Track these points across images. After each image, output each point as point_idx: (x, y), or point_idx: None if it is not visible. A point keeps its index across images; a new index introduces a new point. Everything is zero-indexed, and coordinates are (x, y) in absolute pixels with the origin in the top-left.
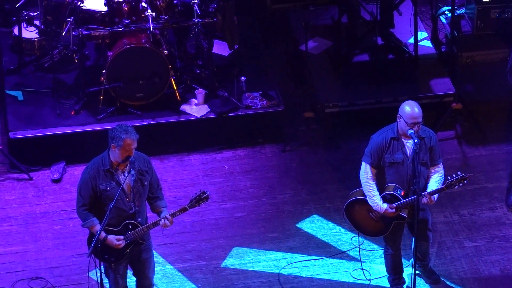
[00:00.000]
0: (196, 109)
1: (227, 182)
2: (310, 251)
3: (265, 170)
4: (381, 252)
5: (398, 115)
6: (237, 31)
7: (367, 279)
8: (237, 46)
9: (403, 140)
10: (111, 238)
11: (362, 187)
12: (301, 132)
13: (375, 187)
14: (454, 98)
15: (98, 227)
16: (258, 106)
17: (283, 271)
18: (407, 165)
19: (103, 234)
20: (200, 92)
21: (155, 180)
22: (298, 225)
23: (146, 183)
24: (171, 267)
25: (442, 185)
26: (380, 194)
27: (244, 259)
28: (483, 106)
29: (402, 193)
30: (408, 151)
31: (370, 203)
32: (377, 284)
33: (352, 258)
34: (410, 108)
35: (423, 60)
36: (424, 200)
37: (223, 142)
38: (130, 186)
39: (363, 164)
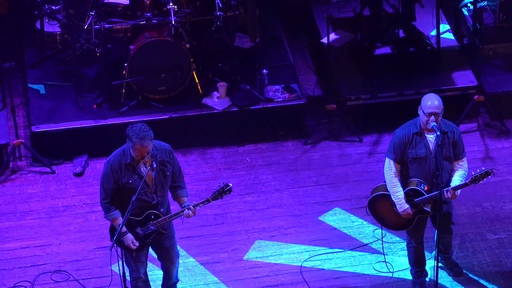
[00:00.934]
0: (218, 102)
1: (249, 175)
2: (332, 244)
3: (287, 163)
4: (404, 244)
5: (419, 107)
6: (258, 24)
7: (389, 272)
8: (259, 39)
9: (426, 134)
10: (128, 237)
11: (385, 182)
12: (323, 125)
13: (399, 183)
14: (476, 90)
15: (120, 219)
16: (280, 99)
17: (305, 264)
18: (430, 160)
19: (124, 228)
20: (222, 85)
21: (177, 169)
22: (320, 218)
23: (168, 173)
24: (193, 260)
25: (466, 179)
26: (404, 189)
27: (267, 252)
28: (505, 98)
29: (426, 188)
30: (431, 145)
31: (393, 199)
32: (400, 276)
33: (374, 251)
34: (429, 99)
35: (445, 52)
36: (448, 195)
37: (245, 135)
38: (152, 177)
39: (387, 159)
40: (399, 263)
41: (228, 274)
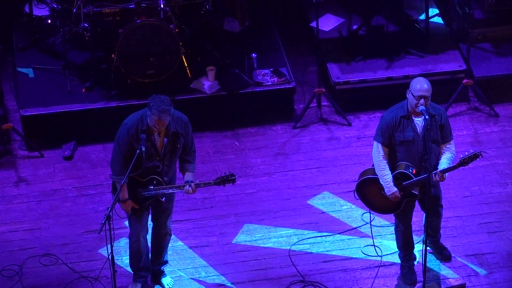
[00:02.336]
0: (207, 86)
1: (238, 159)
2: (321, 228)
3: (276, 147)
4: (392, 228)
5: (408, 90)
6: (247, 8)
7: (378, 255)
8: (248, 23)
9: (413, 118)
10: (129, 204)
11: (374, 166)
12: (312, 109)
13: (387, 166)
14: (465, 74)
15: (125, 186)
16: (269, 83)
17: (294, 248)
18: (418, 143)
19: (126, 195)
20: (211, 69)
21: (189, 142)
22: (309, 202)
23: (179, 145)
24: (182, 243)
25: (453, 162)
26: (392, 172)
27: (255, 235)
28: (494, 82)
29: (414, 171)
30: (418, 128)
31: (381, 182)
32: (388, 260)
33: (363, 235)
34: (418, 82)
35: (434, 36)
36: (436, 178)
37: (233, 119)
38: (163, 145)
39: (375, 143)
40: (387, 247)
41: (216, 258)
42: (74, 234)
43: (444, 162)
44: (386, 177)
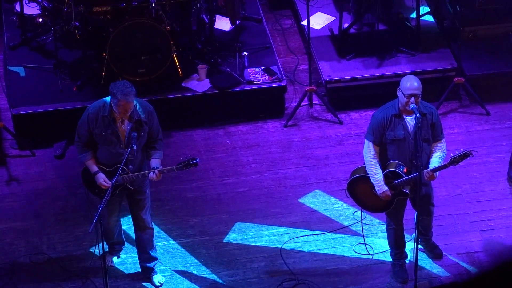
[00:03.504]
0: (198, 84)
1: (229, 158)
2: (313, 226)
3: (267, 145)
4: (384, 226)
5: (398, 88)
6: (238, 6)
7: (369, 254)
8: (239, 21)
9: (405, 116)
10: (100, 176)
11: (365, 164)
12: (303, 107)
13: (378, 165)
14: (456, 72)
15: (91, 161)
16: (260, 81)
17: (285, 246)
18: (409, 142)
19: (94, 168)
20: (202, 68)
21: (155, 130)
22: (300, 200)
23: (143, 133)
24: (174, 242)
25: (444, 161)
26: (383, 171)
27: (247, 234)
28: (485, 80)
29: (405, 170)
30: (409, 127)
31: (372, 181)
32: (380, 258)
33: (354, 233)
34: (408, 80)
35: (425, 34)
36: (426, 176)
37: (225, 118)
38: (126, 133)
39: (366, 142)
40: (379, 245)
41: (208, 256)
42: (65, 233)
43: (435, 161)
44: (377, 175)
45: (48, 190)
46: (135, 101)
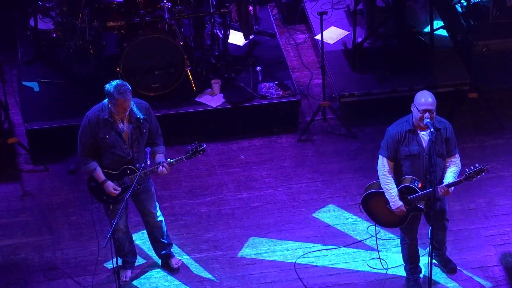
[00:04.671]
0: (211, 99)
1: (243, 172)
2: (327, 241)
3: (281, 159)
4: (398, 241)
5: (412, 104)
6: (252, 21)
7: (383, 268)
8: (253, 36)
9: (419, 131)
10: (109, 184)
11: (379, 180)
12: (317, 122)
13: (392, 180)
14: (470, 87)
15: (98, 170)
16: (274, 96)
17: (299, 261)
18: (424, 157)
19: (102, 177)
20: (216, 82)
21: (154, 126)
22: (314, 215)
23: (144, 130)
24: (188, 257)
25: (459, 175)
26: (397, 186)
27: (261, 249)
28: (499, 94)
29: (420, 185)
30: (424, 142)
31: (387, 196)
32: (394, 273)
33: (368, 248)
34: (422, 96)
35: (438, 49)
36: (441, 191)
37: (239, 132)
38: (128, 133)
39: (380, 157)
40: (393, 260)
41: (222, 271)
42: (79, 248)
43: (449, 176)
44: (391, 191)
45: (62, 205)
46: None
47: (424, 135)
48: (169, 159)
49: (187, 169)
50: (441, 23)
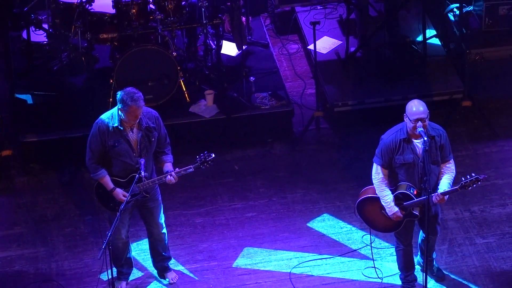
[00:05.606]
0: (205, 110)
1: (237, 182)
2: (321, 250)
3: (275, 170)
4: (393, 250)
5: (404, 114)
6: (245, 31)
7: (378, 277)
8: (246, 46)
9: (413, 140)
10: (118, 191)
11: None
12: (310, 132)
13: (387, 187)
14: (463, 95)
15: (107, 178)
16: (267, 106)
17: (294, 270)
18: (418, 165)
19: (111, 185)
20: (209, 93)
21: (163, 135)
22: (308, 224)
23: (153, 139)
24: (183, 267)
25: (454, 183)
26: (393, 192)
27: (255, 259)
28: (492, 103)
29: (415, 192)
30: (418, 150)
31: (382, 203)
32: (389, 282)
33: (363, 256)
34: (413, 105)
35: (431, 57)
36: (436, 199)
37: (232, 143)
38: (137, 142)
39: (374, 165)
40: (388, 269)
41: (217, 282)
42: (74, 260)
43: (444, 183)
44: (386, 197)
45: (56, 217)
46: None
47: (418, 143)
48: (177, 169)
49: (181, 179)
50: (433, 32)
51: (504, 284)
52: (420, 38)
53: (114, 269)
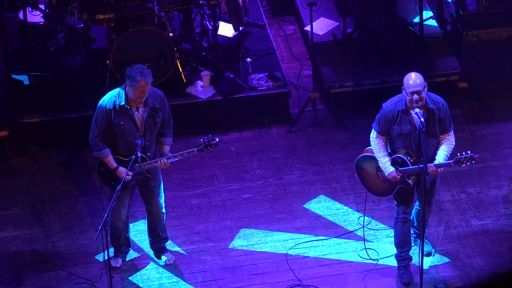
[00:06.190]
0: (202, 91)
1: (234, 164)
2: (317, 231)
3: (271, 151)
4: (389, 231)
5: (402, 87)
6: (241, 12)
7: (373, 259)
8: (242, 27)
9: (411, 111)
10: (122, 170)
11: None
12: (307, 113)
13: (384, 148)
14: (460, 77)
15: (110, 157)
16: (264, 88)
17: (290, 252)
18: (415, 136)
19: (114, 164)
20: (206, 74)
21: (167, 116)
22: (305, 206)
23: (158, 120)
24: (179, 248)
25: (450, 156)
26: (391, 156)
27: (252, 240)
28: (489, 84)
29: (412, 160)
30: (416, 122)
31: (379, 164)
32: (385, 263)
33: (359, 238)
34: (410, 78)
35: (428, 39)
36: (430, 170)
37: (229, 124)
38: (143, 121)
39: (373, 130)
40: (384, 250)
41: (213, 263)
42: (70, 241)
43: (440, 155)
44: (383, 158)
45: (53, 198)
46: None
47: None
48: (180, 152)
49: (178, 161)
50: (430, 13)
51: (500, 266)
52: (417, 20)
53: (111, 249)
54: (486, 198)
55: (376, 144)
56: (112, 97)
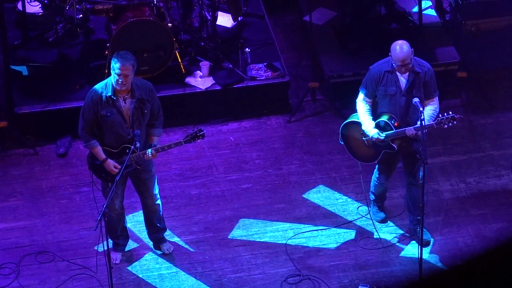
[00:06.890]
0: (201, 81)
1: (233, 154)
2: (317, 221)
3: (271, 141)
4: (388, 222)
5: (389, 53)
6: (240, 2)
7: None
8: (241, 17)
9: (397, 73)
10: (110, 162)
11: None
12: (306, 103)
13: (368, 111)
14: (459, 66)
15: (99, 148)
16: (263, 78)
17: (290, 242)
18: (400, 97)
19: (102, 155)
20: (205, 64)
21: (156, 107)
22: (304, 196)
23: (146, 111)
24: (178, 239)
25: (433, 120)
26: (375, 120)
27: (251, 230)
28: (488, 74)
29: (396, 124)
30: (401, 84)
31: (363, 127)
32: (385, 252)
33: (358, 228)
34: (397, 49)
35: (427, 28)
36: (410, 133)
37: (228, 114)
38: (130, 113)
39: (360, 92)
40: (383, 237)
41: (212, 253)
42: (69, 232)
43: (424, 118)
44: (367, 121)
45: (51, 189)
46: (134, 80)
47: (402, 77)
48: (167, 143)
49: (177, 151)
50: (429, 3)
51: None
52: (415, 9)
53: (110, 241)
54: (485, 188)
55: (362, 107)
56: (99, 88)
